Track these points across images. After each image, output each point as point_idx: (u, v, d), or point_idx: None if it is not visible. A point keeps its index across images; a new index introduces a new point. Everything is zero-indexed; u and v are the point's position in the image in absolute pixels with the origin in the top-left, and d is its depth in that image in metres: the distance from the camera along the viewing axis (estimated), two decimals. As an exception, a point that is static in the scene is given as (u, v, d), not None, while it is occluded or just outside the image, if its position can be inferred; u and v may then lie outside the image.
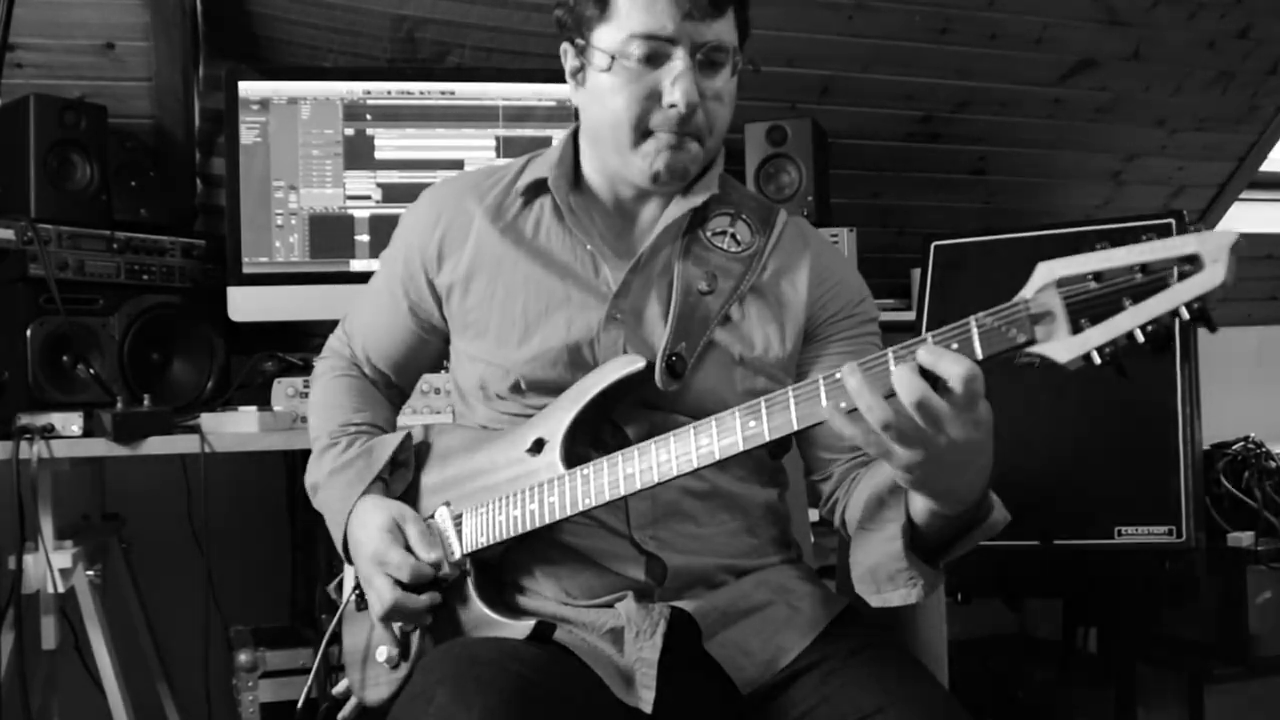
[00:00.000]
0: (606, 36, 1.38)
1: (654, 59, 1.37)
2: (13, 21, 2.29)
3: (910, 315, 2.63)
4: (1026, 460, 2.28)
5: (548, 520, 1.37)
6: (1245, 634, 2.54)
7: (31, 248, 2.18)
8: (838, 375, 1.18)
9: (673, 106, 1.37)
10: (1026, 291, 1.09)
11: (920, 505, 1.25)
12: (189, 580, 2.42)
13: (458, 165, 2.57)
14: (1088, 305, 1.05)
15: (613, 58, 1.38)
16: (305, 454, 1.61)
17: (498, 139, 2.60)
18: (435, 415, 2.27)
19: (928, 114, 3.29)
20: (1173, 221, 2.29)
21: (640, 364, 1.39)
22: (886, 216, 3.44)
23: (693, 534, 1.43)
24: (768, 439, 1.24)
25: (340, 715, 1.55)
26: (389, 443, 1.52)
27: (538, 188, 1.50)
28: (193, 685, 2.43)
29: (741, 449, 1.25)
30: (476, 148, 2.59)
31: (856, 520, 1.38)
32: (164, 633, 2.60)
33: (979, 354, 1.10)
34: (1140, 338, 1.03)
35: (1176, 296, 1.01)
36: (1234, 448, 2.67)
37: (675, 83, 1.36)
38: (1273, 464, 2.62)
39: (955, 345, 1.11)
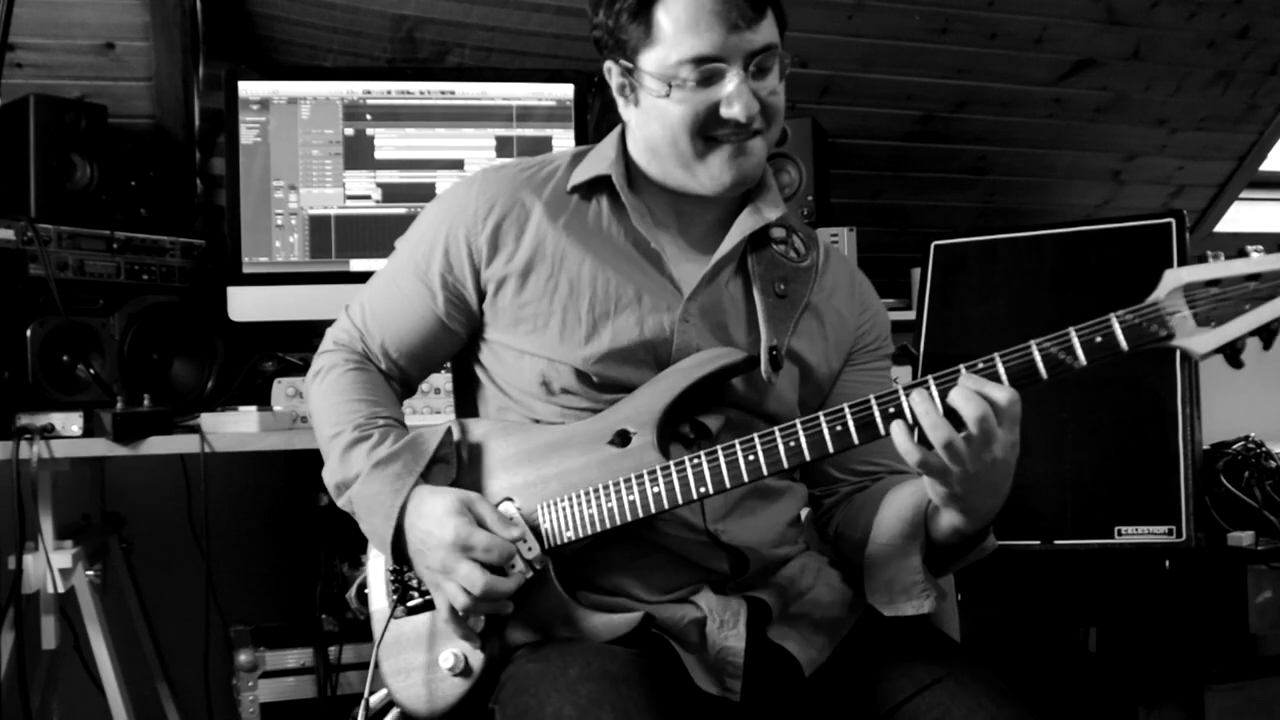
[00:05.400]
0: (655, 60, 1.37)
1: (709, 78, 1.37)
2: (13, 21, 2.29)
3: (910, 315, 2.63)
4: (1026, 459, 2.27)
5: (653, 510, 1.36)
6: (1245, 634, 2.54)
7: (31, 248, 2.18)
8: (898, 397, 1.28)
9: (735, 119, 1.38)
10: (1159, 294, 1.24)
11: (945, 524, 1.35)
12: (189, 580, 2.42)
13: (458, 165, 2.57)
14: (1213, 308, 1.22)
15: (669, 84, 1.37)
16: (305, 454, 1.58)
17: (497, 139, 2.59)
18: (436, 416, 2.27)
19: (928, 113, 3.29)
20: (1173, 221, 2.28)
21: (740, 355, 1.41)
22: (886, 216, 3.44)
23: (752, 525, 1.46)
24: (856, 443, 1.31)
25: None
26: (431, 436, 1.47)
27: (594, 185, 1.49)
28: (193, 685, 2.43)
29: (859, 443, 1.31)
30: (476, 147, 2.59)
31: (868, 537, 1.46)
32: (164, 633, 2.60)
33: (1124, 345, 1.23)
34: (1260, 337, 1.22)
35: None
36: (1234, 447, 2.67)
37: (734, 99, 1.36)
38: (1273, 464, 2.61)
39: (1099, 338, 1.23)
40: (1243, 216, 3.97)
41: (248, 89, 2.50)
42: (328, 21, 2.73)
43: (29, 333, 2.15)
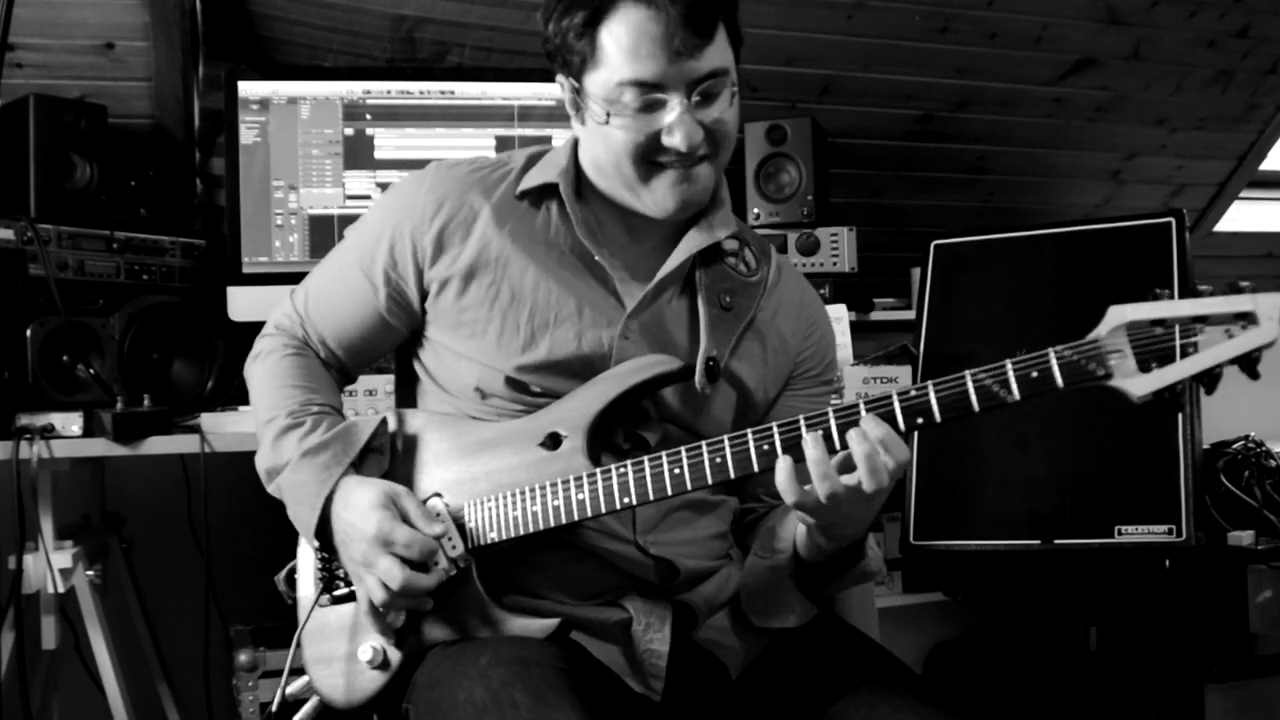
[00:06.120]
0: (598, 82, 1.35)
1: (650, 106, 1.34)
2: (13, 21, 2.29)
3: (910, 314, 2.63)
4: (1026, 459, 2.28)
5: (576, 517, 1.35)
6: (1245, 633, 2.54)
7: (31, 248, 2.18)
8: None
9: (675, 148, 1.36)
10: (1100, 331, 1.20)
11: (812, 543, 1.38)
12: (189, 580, 2.42)
13: (457, 165, 2.57)
14: (1156, 349, 1.18)
15: (608, 112, 1.35)
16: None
17: (497, 139, 2.60)
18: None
19: (927, 113, 3.29)
20: (1172, 220, 2.29)
21: (676, 364, 1.40)
22: (886, 216, 3.44)
23: (684, 539, 1.46)
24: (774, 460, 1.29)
25: (297, 718, 1.50)
26: (364, 426, 1.46)
27: (544, 192, 1.47)
28: (193, 685, 2.43)
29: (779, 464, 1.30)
30: (476, 148, 2.58)
31: (752, 549, 1.49)
32: (164, 633, 2.60)
33: (1060, 383, 1.20)
34: (1200, 382, 1.17)
35: (1233, 349, 1.15)
36: (1234, 447, 2.67)
37: (675, 129, 1.34)
38: (1273, 463, 2.61)
39: (1035, 373, 1.21)
40: (1242, 216, 3.97)
41: (247, 89, 2.50)
42: (328, 21, 2.73)
43: (29, 333, 2.15)
